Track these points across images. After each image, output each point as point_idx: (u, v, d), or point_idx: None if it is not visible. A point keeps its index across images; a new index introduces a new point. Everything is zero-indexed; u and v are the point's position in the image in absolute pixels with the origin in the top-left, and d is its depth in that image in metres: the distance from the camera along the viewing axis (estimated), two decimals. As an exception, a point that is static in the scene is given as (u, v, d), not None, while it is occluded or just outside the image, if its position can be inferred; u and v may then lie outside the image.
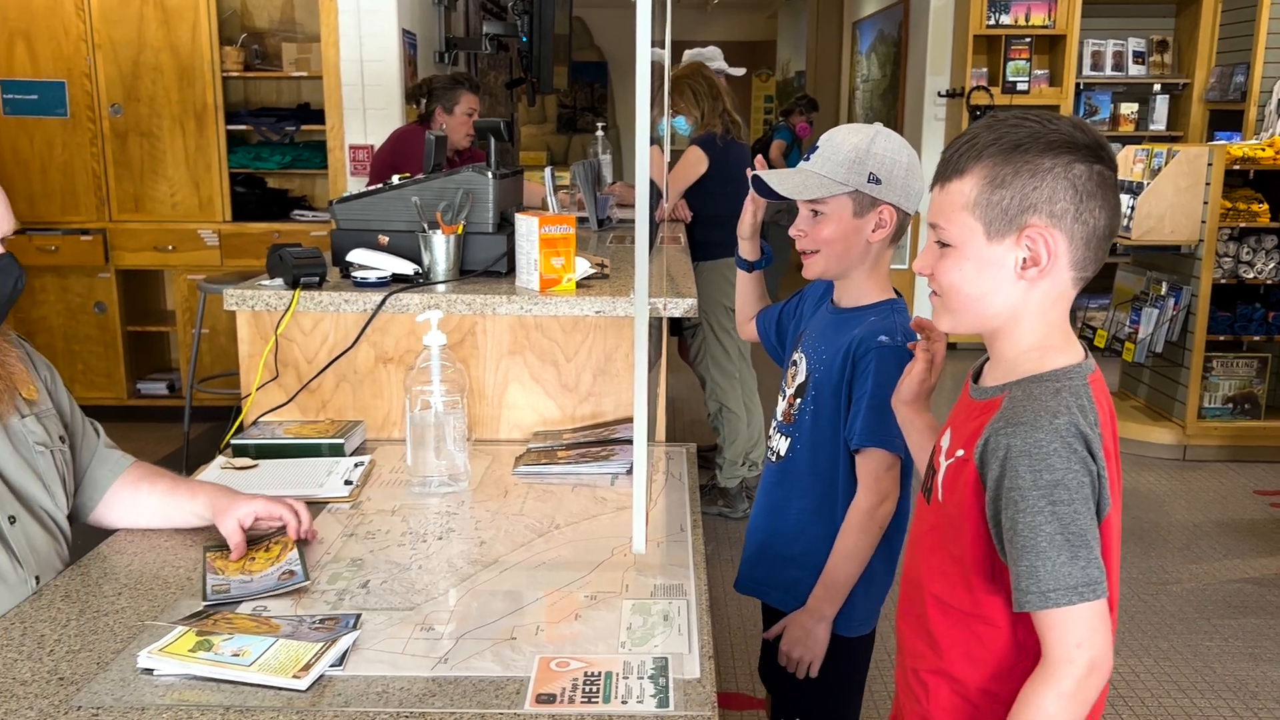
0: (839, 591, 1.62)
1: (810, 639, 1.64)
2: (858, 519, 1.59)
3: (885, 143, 1.57)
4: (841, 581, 1.62)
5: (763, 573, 1.77)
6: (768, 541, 1.75)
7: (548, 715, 1.09)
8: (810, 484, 1.67)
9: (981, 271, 1.14)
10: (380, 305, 2.02)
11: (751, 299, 1.92)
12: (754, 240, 1.84)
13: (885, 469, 1.57)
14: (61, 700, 1.11)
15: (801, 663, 1.66)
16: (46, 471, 1.49)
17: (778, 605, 1.75)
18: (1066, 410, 1.08)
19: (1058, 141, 1.10)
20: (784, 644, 1.68)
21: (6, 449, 1.45)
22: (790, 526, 1.70)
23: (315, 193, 5.25)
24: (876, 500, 1.58)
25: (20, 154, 4.69)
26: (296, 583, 1.39)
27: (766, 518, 1.75)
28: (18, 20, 4.58)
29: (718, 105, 3.80)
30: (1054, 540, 1.05)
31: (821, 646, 1.64)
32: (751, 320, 1.91)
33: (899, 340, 1.54)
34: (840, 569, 1.61)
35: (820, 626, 1.64)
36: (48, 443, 1.51)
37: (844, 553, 1.60)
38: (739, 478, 3.93)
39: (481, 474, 1.84)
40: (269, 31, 5.11)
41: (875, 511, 1.58)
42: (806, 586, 1.65)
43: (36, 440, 1.49)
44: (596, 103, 11.98)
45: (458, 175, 2.25)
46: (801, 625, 1.65)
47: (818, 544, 1.64)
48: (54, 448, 1.52)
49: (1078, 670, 1.06)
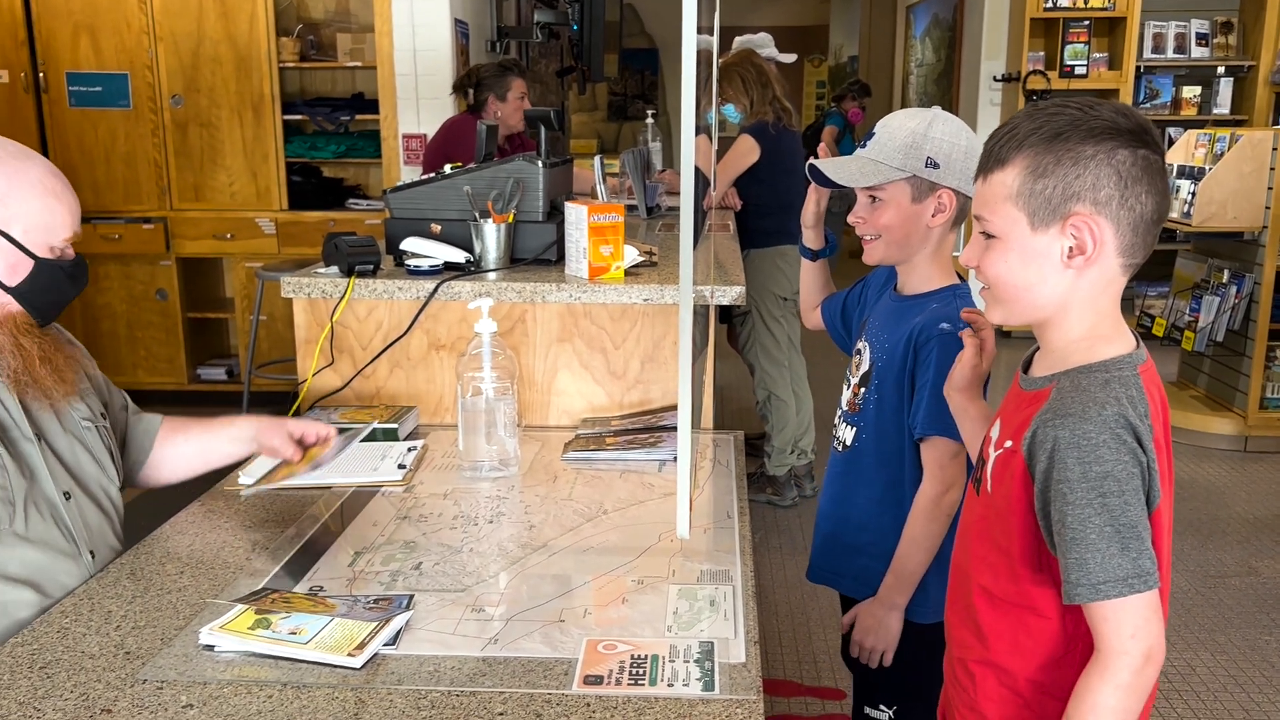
0: (909, 580, 1.61)
1: (882, 628, 1.64)
2: (924, 507, 1.58)
3: (943, 126, 1.56)
4: (911, 570, 1.61)
5: (833, 561, 1.77)
6: (836, 531, 1.75)
7: (595, 696, 1.11)
8: (876, 473, 1.66)
9: (1027, 262, 1.13)
10: (433, 293, 2.05)
11: (816, 287, 1.92)
12: (818, 228, 1.83)
13: (950, 457, 1.56)
14: (128, 674, 1.15)
15: (874, 651, 1.65)
16: (94, 446, 1.56)
17: (850, 593, 1.75)
18: (1115, 401, 1.07)
19: (1099, 128, 1.09)
20: (856, 633, 1.68)
21: (57, 429, 1.51)
22: (858, 515, 1.70)
23: (369, 181, 5.32)
24: (942, 488, 1.57)
25: (85, 144, 4.81)
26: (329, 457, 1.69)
27: (834, 507, 1.75)
28: (82, 14, 4.69)
29: (767, 93, 3.78)
30: (1103, 532, 1.05)
31: (893, 635, 1.64)
32: (816, 308, 1.91)
33: (961, 327, 1.54)
34: (909, 557, 1.60)
35: (892, 615, 1.63)
36: (91, 418, 1.58)
37: (912, 541, 1.60)
38: (787, 466, 3.92)
39: (531, 459, 1.87)
40: (324, 22, 5.18)
41: (941, 499, 1.57)
42: (877, 574, 1.65)
43: (82, 417, 1.56)
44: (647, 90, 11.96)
45: (508, 164, 2.27)
46: (873, 614, 1.65)
47: (886, 532, 1.63)
48: (97, 423, 1.59)
49: (1133, 661, 1.05)
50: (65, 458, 1.50)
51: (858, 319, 1.80)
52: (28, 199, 1.42)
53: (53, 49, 4.73)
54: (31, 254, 1.44)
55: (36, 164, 1.46)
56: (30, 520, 1.40)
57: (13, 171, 1.42)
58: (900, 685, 1.71)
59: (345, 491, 1.70)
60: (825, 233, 1.85)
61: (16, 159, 1.44)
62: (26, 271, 1.44)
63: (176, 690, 1.12)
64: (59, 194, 1.46)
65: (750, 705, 1.09)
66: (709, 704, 1.10)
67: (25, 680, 1.14)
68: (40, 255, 1.45)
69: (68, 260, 1.49)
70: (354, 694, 1.12)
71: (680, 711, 1.08)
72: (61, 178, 1.49)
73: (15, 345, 1.44)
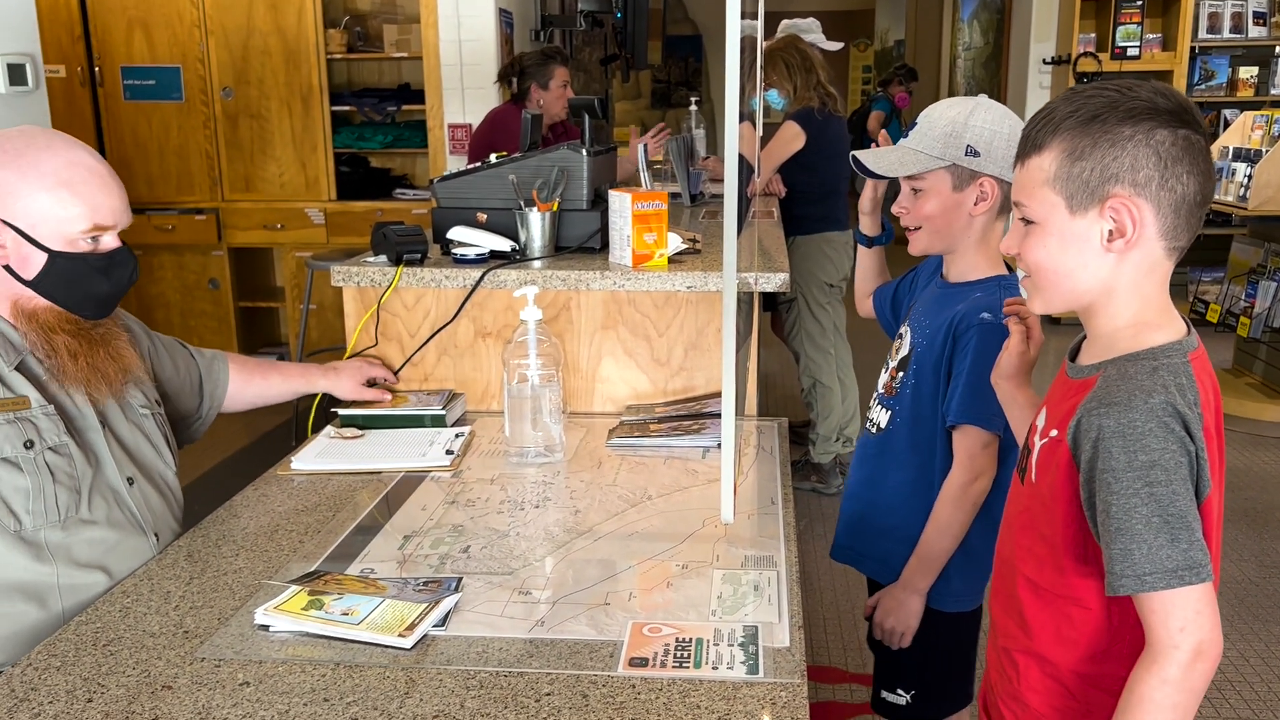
0: (932, 565, 1.62)
1: (902, 610, 1.65)
2: (951, 494, 1.59)
3: (985, 115, 1.55)
4: (934, 556, 1.62)
5: (858, 542, 1.78)
6: (864, 512, 1.75)
7: (640, 678, 1.13)
8: (909, 457, 1.67)
9: (1066, 247, 1.12)
10: (479, 281, 2.07)
11: (871, 274, 1.91)
12: (875, 215, 1.83)
13: (981, 446, 1.56)
14: (187, 652, 1.19)
15: (893, 633, 1.67)
16: (152, 433, 1.60)
17: (872, 575, 1.76)
18: (1163, 389, 1.06)
19: (1137, 109, 1.07)
20: (877, 614, 1.69)
21: (120, 417, 1.55)
22: (887, 499, 1.70)
23: (416, 171, 5.37)
24: (970, 477, 1.57)
25: (140, 137, 4.91)
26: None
27: (864, 488, 1.76)
28: (136, 9, 4.78)
29: (811, 78, 3.75)
30: (1150, 522, 1.03)
31: (914, 618, 1.65)
32: (869, 297, 1.91)
33: (1002, 317, 1.53)
34: (934, 543, 1.61)
35: (913, 599, 1.64)
36: (148, 406, 1.61)
37: (937, 527, 1.61)
38: (833, 453, 3.91)
39: (576, 446, 1.89)
40: (370, 14, 5.23)
41: (969, 488, 1.57)
42: (900, 559, 1.66)
43: (140, 405, 1.60)
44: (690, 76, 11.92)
45: (553, 153, 2.29)
46: (894, 597, 1.66)
47: (914, 517, 1.64)
48: (153, 410, 1.62)
49: (1182, 656, 1.03)
50: (128, 445, 1.55)
51: (907, 307, 1.79)
52: (36, 192, 1.40)
53: (108, 44, 4.83)
54: (43, 246, 1.42)
55: (58, 155, 1.43)
56: (95, 507, 1.45)
57: (27, 165, 1.40)
58: (920, 671, 1.72)
59: (394, 476, 1.73)
60: (882, 220, 1.85)
61: (36, 150, 1.42)
62: (41, 265, 1.42)
63: (234, 668, 1.15)
64: (75, 184, 1.42)
65: (794, 689, 1.10)
66: (753, 687, 1.11)
67: (90, 657, 1.18)
68: (54, 248, 1.43)
69: (97, 253, 1.47)
70: (404, 673, 1.14)
71: (725, 694, 1.09)
72: (90, 168, 1.44)
73: (46, 341, 1.45)
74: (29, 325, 1.45)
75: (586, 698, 1.09)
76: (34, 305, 1.45)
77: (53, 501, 1.39)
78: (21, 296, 1.45)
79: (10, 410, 1.40)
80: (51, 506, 1.39)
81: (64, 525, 1.40)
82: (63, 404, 1.46)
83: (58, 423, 1.43)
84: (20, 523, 1.37)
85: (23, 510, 1.37)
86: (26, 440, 1.39)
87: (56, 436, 1.42)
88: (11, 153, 1.42)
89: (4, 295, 1.45)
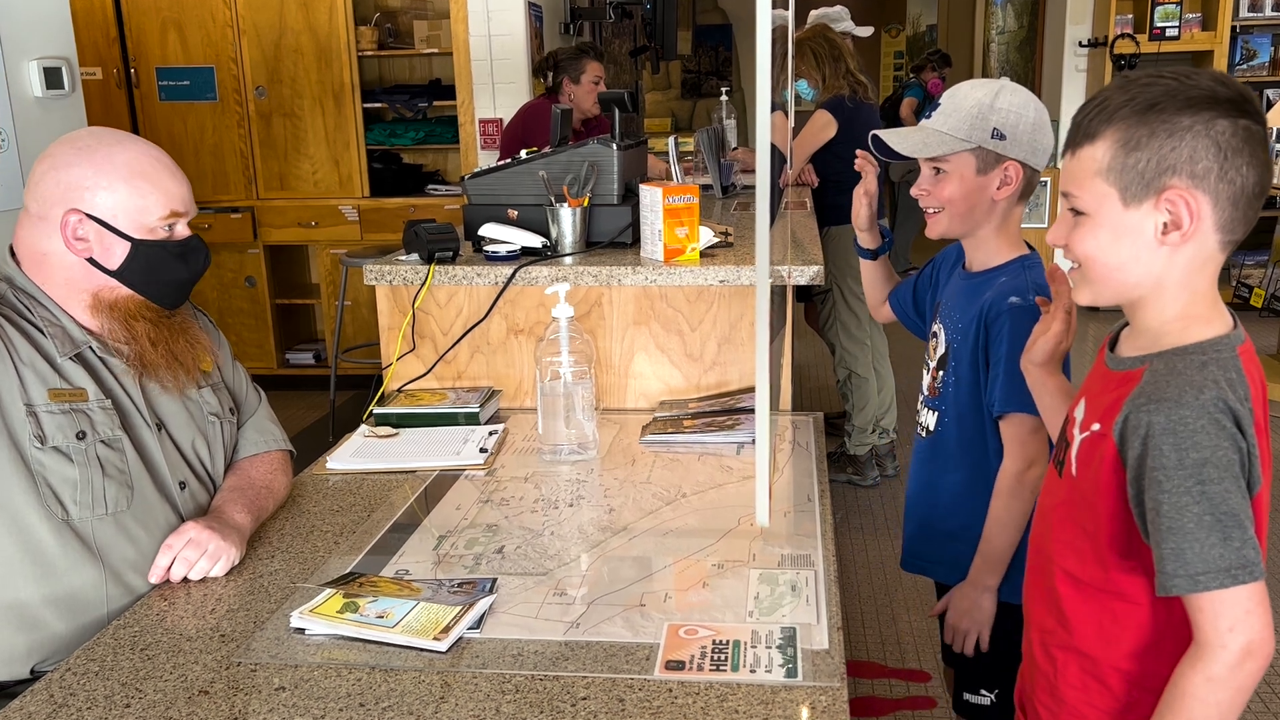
0: (997, 560, 1.58)
1: (976, 611, 1.61)
2: (1006, 485, 1.55)
3: (1010, 97, 1.52)
4: (999, 550, 1.58)
5: (926, 550, 1.74)
6: (926, 519, 1.72)
7: (677, 682, 1.11)
8: (960, 457, 1.64)
9: (1119, 239, 1.09)
10: (510, 278, 2.07)
11: (880, 283, 1.89)
12: (872, 230, 1.82)
13: (1030, 432, 1.52)
14: (224, 656, 1.19)
15: (969, 635, 1.63)
16: (214, 440, 1.59)
17: (945, 580, 1.72)
18: (1214, 384, 1.03)
19: (1197, 97, 1.04)
20: (950, 617, 1.65)
21: (183, 418, 1.55)
22: (946, 502, 1.67)
23: (448, 167, 5.38)
24: (1023, 465, 1.53)
25: (175, 137, 4.95)
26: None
27: (922, 494, 1.72)
28: (170, 10, 4.82)
29: (839, 66, 3.71)
30: (1202, 521, 1.01)
31: (987, 617, 1.61)
32: (884, 303, 1.88)
33: (1030, 299, 1.50)
34: (996, 537, 1.57)
35: (985, 598, 1.61)
36: (220, 413, 1.61)
37: (997, 520, 1.57)
38: (868, 445, 3.88)
39: (609, 442, 1.88)
40: (400, 10, 5.25)
41: (1024, 476, 1.54)
42: (971, 560, 1.62)
43: (210, 410, 1.59)
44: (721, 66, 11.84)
45: (583, 148, 2.27)
46: (966, 597, 1.63)
47: (976, 516, 1.60)
48: (225, 419, 1.62)
49: (1230, 656, 1.01)
50: (184, 448, 1.54)
51: (930, 301, 1.76)
52: (114, 183, 1.44)
53: (143, 45, 4.87)
54: (126, 235, 1.46)
55: (128, 148, 1.47)
56: (147, 506, 1.45)
57: (101, 159, 1.45)
58: (1003, 668, 1.67)
59: (429, 475, 1.73)
60: (881, 228, 1.83)
61: (107, 145, 1.46)
62: (124, 254, 1.46)
63: (269, 672, 1.16)
64: (149, 174, 1.47)
65: (834, 693, 1.09)
66: (792, 691, 1.09)
67: (127, 661, 1.19)
68: (135, 236, 1.46)
69: (174, 240, 1.51)
70: (440, 677, 1.14)
71: (763, 699, 1.08)
72: (158, 159, 1.49)
73: (128, 330, 1.48)
74: (109, 315, 1.47)
75: (623, 702, 1.08)
76: (116, 295, 1.48)
77: (100, 494, 1.39)
78: (104, 288, 1.47)
79: (67, 401, 1.41)
80: (99, 499, 1.39)
81: (115, 520, 1.41)
82: (120, 400, 1.46)
83: (113, 417, 1.44)
84: (67, 512, 1.37)
85: (70, 500, 1.37)
86: (79, 431, 1.39)
87: (110, 430, 1.43)
88: (85, 150, 1.45)
89: (84, 289, 1.47)
